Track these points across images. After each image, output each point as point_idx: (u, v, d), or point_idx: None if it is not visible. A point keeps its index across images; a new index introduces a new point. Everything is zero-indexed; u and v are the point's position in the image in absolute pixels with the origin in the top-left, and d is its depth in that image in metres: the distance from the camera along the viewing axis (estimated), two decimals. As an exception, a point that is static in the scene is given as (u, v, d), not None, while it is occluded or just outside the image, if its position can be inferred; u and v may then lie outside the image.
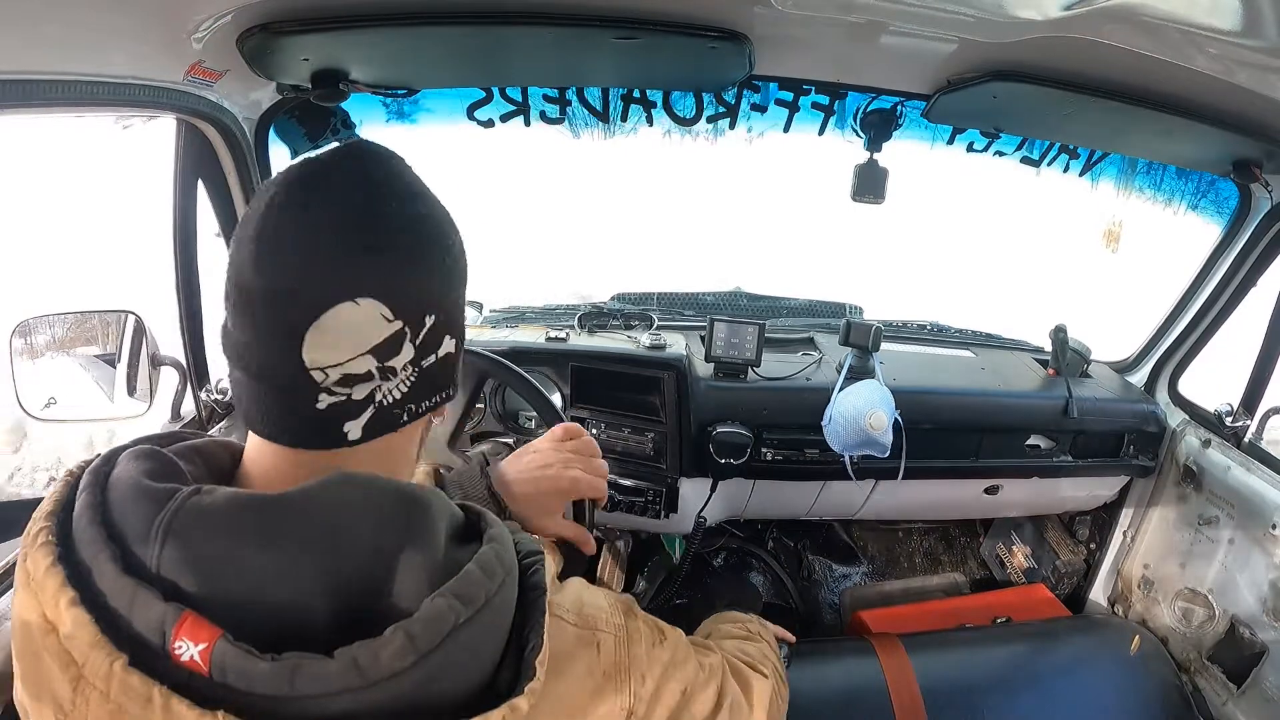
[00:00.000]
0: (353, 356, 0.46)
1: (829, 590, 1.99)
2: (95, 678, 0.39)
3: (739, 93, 1.32)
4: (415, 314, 0.48)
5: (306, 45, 0.98)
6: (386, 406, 0.48)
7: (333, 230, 0.46)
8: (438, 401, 0.52)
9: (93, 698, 0.39)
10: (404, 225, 0.48)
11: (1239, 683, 1.41)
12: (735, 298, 1.91)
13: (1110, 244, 1.94)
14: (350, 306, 0.45)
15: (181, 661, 0.39)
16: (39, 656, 0.41)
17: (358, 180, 0.48)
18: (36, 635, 0.41)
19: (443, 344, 0.50)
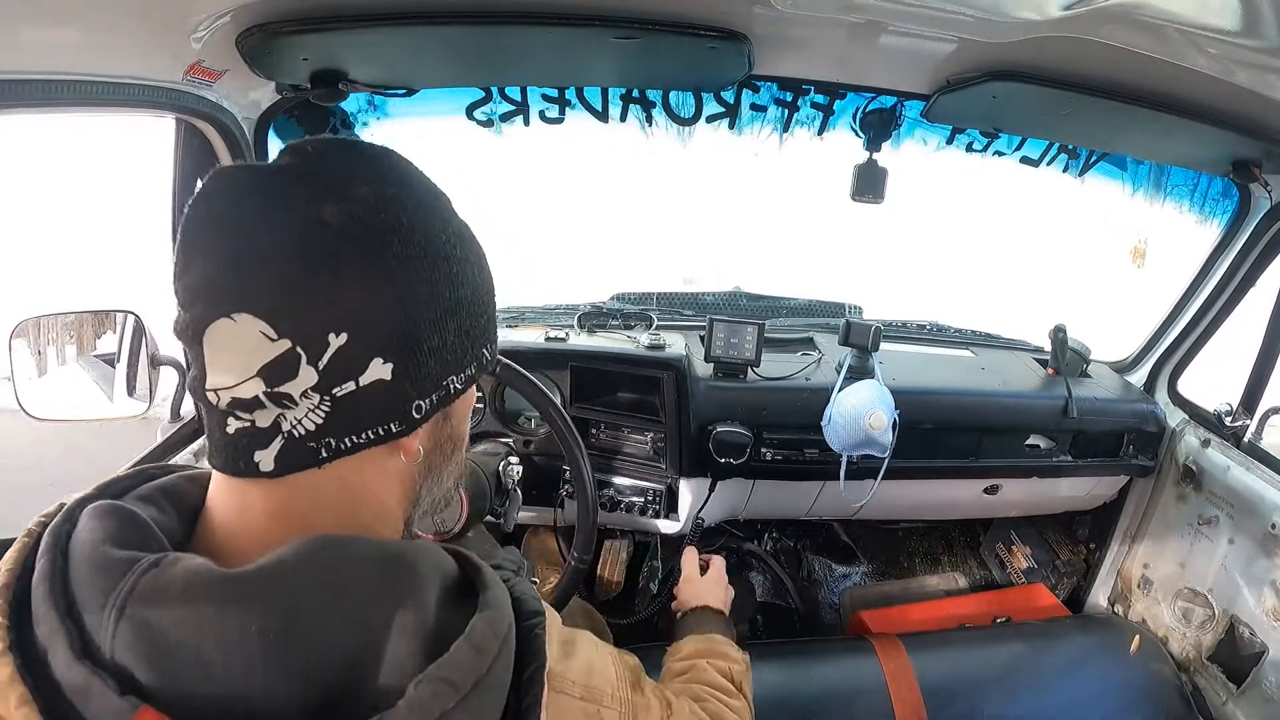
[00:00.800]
0: (241, 380, 0.41)
1: (829, 590, 1.99)
2: None
3: (738, 93, 1.33)
4: (309, 332, 0.41)
5: (306, 45, 0.98)
6: (299, 438, 0.43)
7: (225, 233, 0.41)
8: (372, 438, 0.44)
9: None
10: (305, 228, 0.41)
11: (1239, 682, 1.41)
12: (735, 298, 1.90)
13: (1136, 260, 1.93)
14: (226, 323, 0.40)
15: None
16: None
17: (269, 174, 0.43)
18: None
19: (368, 369, 0.42)
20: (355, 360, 0.42)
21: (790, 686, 1.36)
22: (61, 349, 1.09)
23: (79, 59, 0.76)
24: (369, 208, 0.43)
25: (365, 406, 0.43)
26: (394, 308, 0.43)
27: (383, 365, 0.43)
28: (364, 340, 0.42)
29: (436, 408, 0.47)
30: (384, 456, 0.46)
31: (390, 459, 0.47)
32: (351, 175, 0.44)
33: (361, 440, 0.44)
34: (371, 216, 0.43)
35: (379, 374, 0.43)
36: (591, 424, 1.52)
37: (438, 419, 0.48)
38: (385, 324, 0.43)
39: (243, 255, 0.41)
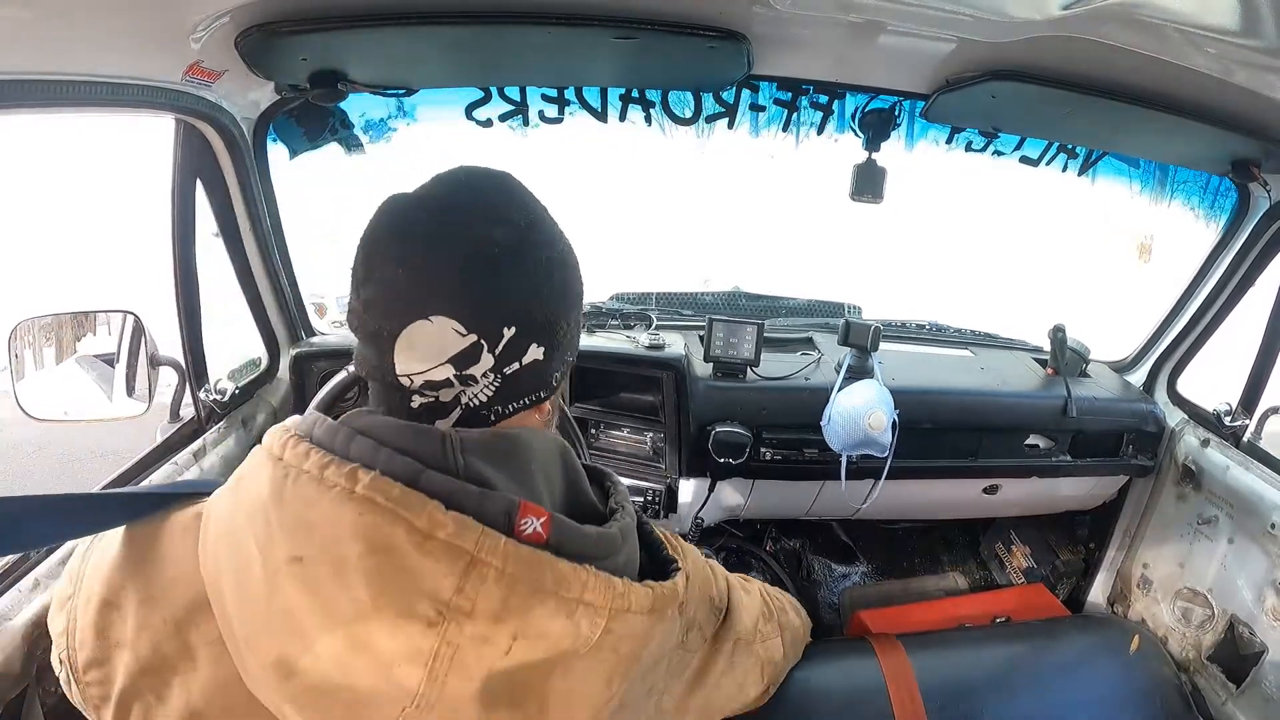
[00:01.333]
0: (433, 366, 0.52)
1: (828, 590, 1.99)
2: (491, 557, 0.46)
3: (738, 92, 1.32)
4: (491, 327, 0.52)
5: (305, 45, 0.98)
6: (473, 408, 0.54)
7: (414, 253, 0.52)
8: (527, 403, 0.57)
9: (488, 575, 0.46)
10: (482, 246, 0.52)
11: (1238, 682, 1.41)
12: (734, 297, 1.91)
13: (1143, 256, 1.94)
14: (424, 323, 0.51)
15: (525, 534, 0.48)
16: (403, 568, 0.45)
17: (441, 204, 0.54)
18: (401, 548, 0.46)
19: (528, 352, 0.54)
20: (520, 346, 0.54)
21: (789, 686, 1.35)
22: (61, 349, 1.09)
23: (78, 59, 0.76)
24: (524, 228, 0.54)
25: (524, 380, 0.55)
26: (544, 304, 0.55)
27: (537, 348, 0.54)
28: (526, 330, 0.53)
29: (563, 378, 0.60)
30: (526, 417, 0.58)
31: (531, 418, 0.59)
32: (506, 203, 0.55)
33: (519, 405, 0.56)
34: (527, 234, 0.54)
35: (535, 355, 0.55)
36: (591, 424, 1.52)
37: (561, 386, 0.61)
38: (538, 316, 0.54)
39: (433, 269, 0.51)
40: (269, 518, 0.47)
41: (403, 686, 0.45)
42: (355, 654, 0.45)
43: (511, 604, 0.47)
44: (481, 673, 0.46)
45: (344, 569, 0.45)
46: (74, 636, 0.53)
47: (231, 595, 0.48)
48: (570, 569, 0.49)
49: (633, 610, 0.52)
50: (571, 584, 0.49)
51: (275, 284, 1.35)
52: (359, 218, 0.56)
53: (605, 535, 0.54)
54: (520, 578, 0.47)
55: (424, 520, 0.46)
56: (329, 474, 0.47)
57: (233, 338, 1.46)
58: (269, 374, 1.41)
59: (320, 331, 1.51)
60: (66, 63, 0.75)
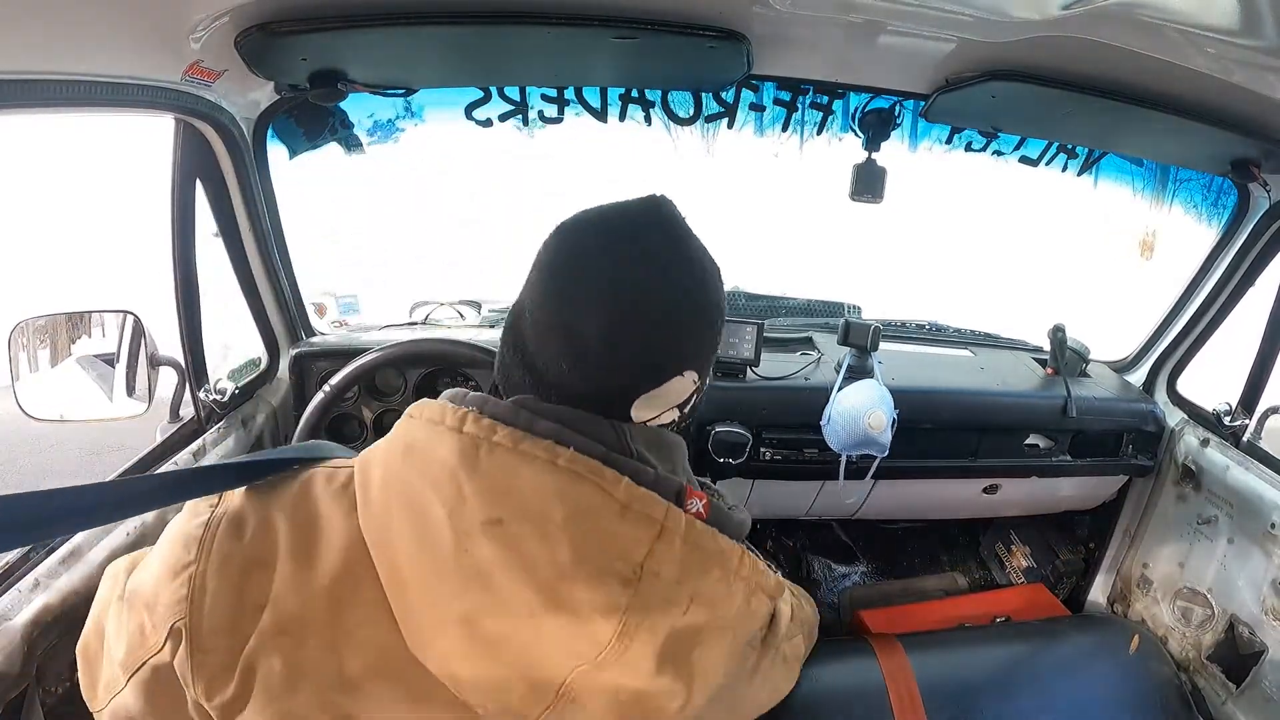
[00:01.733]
0: (664, 410, 0.60)
1: (828, 590, 1.99)
2: (676, 527, 0.53)
3: (737, 92, 1.32)
4: (705, 369, 0.61)
5: (305, 45, 0.98)
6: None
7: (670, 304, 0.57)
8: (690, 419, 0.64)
9: (675, 543, 0.53)
10: (707, 296, 0.59)
11: (1238, 682, 1.41)
12: (733, 297, 1.90)
13: (1145, 253, 1.94)
14: (678, 379, 0.59)
15: (689, 513, 0.55)
16: (603, 531, 0.51)
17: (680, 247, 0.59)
18: (601, 513, 0.52)
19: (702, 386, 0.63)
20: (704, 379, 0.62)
21: (789, 686, 1.36)
22: (60, 349, 1.09)
23: (78, 59, 0.76)
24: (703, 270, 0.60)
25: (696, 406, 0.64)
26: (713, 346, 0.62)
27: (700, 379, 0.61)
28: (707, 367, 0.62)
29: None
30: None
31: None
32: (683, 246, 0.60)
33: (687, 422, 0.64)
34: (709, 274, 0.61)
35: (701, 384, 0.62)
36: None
37: None
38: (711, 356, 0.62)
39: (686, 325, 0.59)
40: (460, 483, 0.50)
41: (593, 640, 0.50)
42: (551, 609, 0.49)
43: (690, 569, 0.53)
44: (665, 629, 0.51)
45: (547, 530, 0.50)
46: (202, 600, 0.51)
47: (410, 556, 0.50)
48: (730, 544, 0.56)
49: (765, 591, 0.59)
50: (731, 557, 0.56)
51: (275, 284, 1.35)
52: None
53: (744, 521, 0.61)
54: (697, 547, 0.54)
55: (622, 492, 0.52)
56: (525, 446, 0.52)
57: (237, 339, 1.46)
58: (269, 374, 1.41)
59: (320, 331, 1.51)
60: (66, 63, 0.75)
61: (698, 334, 0.59)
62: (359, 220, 4.87)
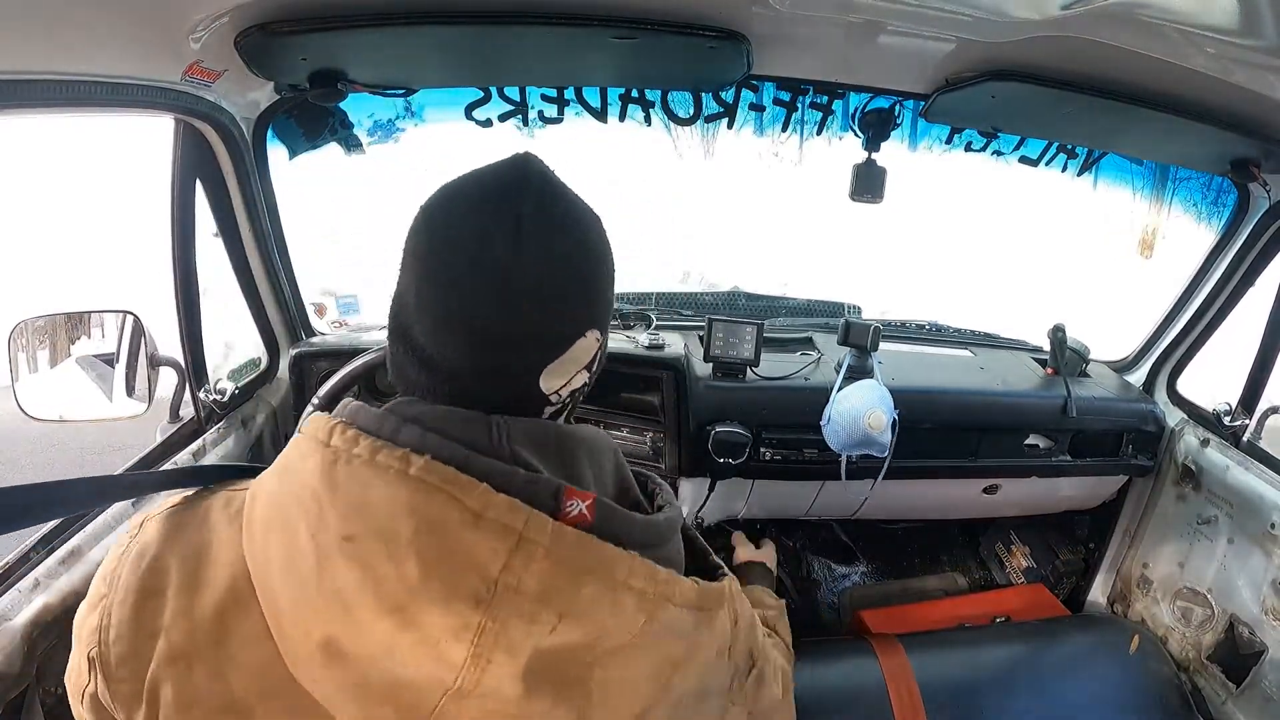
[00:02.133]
0: (573, 374, 0.56)
1: (828, 590, 1.99)
2: (539, 536, 0.48)
3: (737, 92, 1.32)
4: (607, 323, 0.58)
5: (304, 45, 0.98)
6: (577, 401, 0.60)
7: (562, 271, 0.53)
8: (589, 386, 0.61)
9: (535, 554, 0.47)
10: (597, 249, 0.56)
11: (1238, 682, 1.41)
12: (734, 297, 1.90)
13: (1144, 252, 1.93)
14: (583, 340, 0.55)
15: (570, 517, 0.50)
16: (453, 546, 0.47)
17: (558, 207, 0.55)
18: (452, 526, 0.47)
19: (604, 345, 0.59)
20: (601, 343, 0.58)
21: (790, 686, 1.36)
22: (60, 349, 1.09)
23: (78, 59, 0.76)
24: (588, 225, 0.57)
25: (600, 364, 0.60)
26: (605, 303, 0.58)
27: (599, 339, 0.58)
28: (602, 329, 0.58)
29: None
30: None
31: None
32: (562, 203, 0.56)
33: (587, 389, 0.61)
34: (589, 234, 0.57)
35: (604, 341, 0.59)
36: (591, 423, 1.52)
37: None
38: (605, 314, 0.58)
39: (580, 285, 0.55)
40: (320, 501, 0.48)
41: (447, 663, 0.46)
42: (403, 631, 0.45)
43: (557, 583, 0.48)
44: (526, 651, 0.46)
45: (396, 547, 0.46)
46: (109, 632, 0.52)
47: (280, 578, 0.48)
48: (615, 552, 0.50)
49: (675, 602, 0.52)
50: (616, 567, 0.50)
51: (275, 284, 1.35)
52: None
53: (652, 523, 0.55)
54: (566, 558, 0.48)
55: (476, 500, 0.47)
56: (381, 458, 0.49)
57: (237, 339, 1.46)
58: (269, 374, 1.41)
59: (320, 331, 1.51)
60: (66, 63, 0.75)
61: (595, 291, 0.56)
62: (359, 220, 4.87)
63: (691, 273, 5.70)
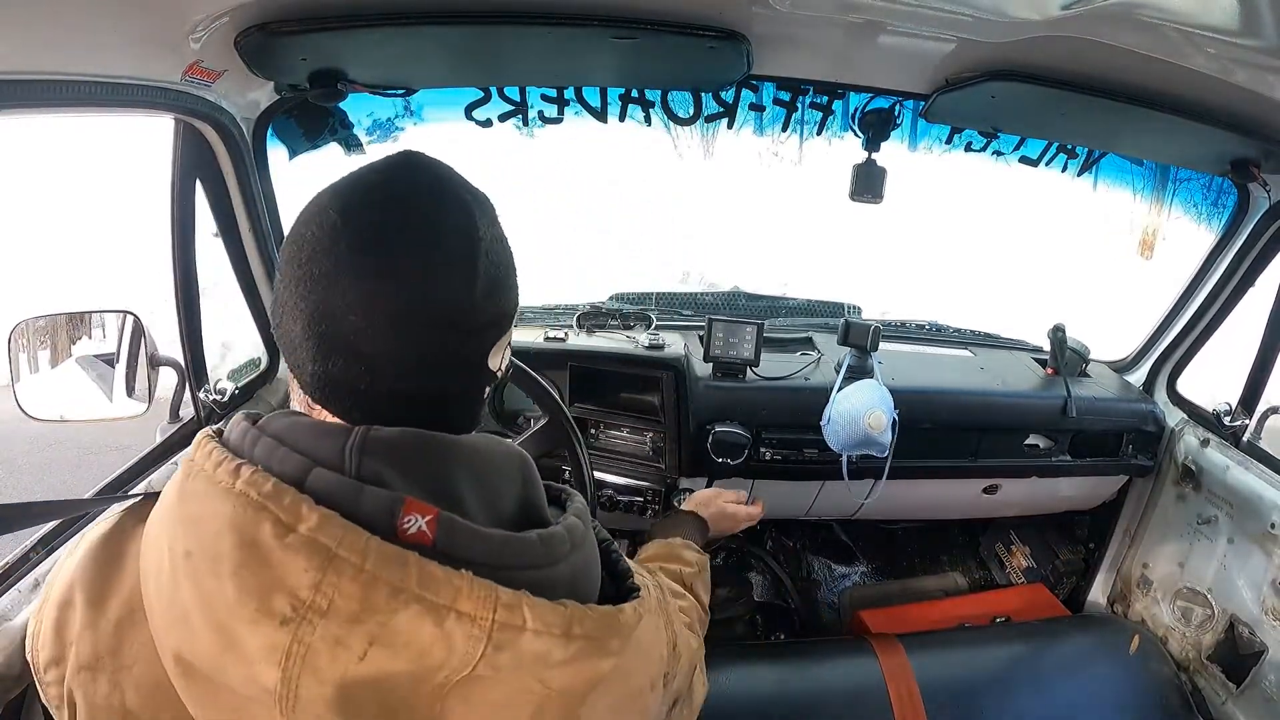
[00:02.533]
0: (506, 348, 0.57)
1: (828, 590, 1.99)
2: (351, 554, 0.44)
3: (737, 92, 1.32)
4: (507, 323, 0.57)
5: (304, 45, 0.98)
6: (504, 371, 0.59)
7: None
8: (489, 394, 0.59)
9: (345, 572, 0.44)
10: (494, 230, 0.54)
11: (1238, 682, 1.41)
12: (734, 297, 1.91)
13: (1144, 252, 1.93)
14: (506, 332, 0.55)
15: (408, 534, 0.46)
16: (265, 563, 0.44)
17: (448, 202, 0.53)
18: (266, 542, 0.44)
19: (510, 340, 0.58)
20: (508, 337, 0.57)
21: (789, 686, 1.36)
22: (60, 349, 1.09)
23: (77, 59, 0.76)
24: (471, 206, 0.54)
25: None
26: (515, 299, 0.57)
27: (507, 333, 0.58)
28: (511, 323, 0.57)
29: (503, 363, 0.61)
30: None
31: None
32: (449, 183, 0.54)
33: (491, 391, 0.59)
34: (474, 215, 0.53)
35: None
36: (591, 424, 1.52)
37: None
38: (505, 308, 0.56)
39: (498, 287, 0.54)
40: (174, 515, 0.48)
41: (263, 686, 0.44)
42: (227, 651, 0.44)
43: (372, 605, 0.44)
44: (335, 677, 0.44)
45: (219, 563, 0.45)
46: (38, 638, 0.54)
47: (152, 593, 0.49)
48: (442, 572, 0.45)
49: (530, 628, 0.46)
50: (441, 588, 0.44)
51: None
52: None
53: (517, 541, 0.48)
54: (381, 577, 0.44)
55: (290, 515, 0.44)
56: (219, 472, 0.47)
57: (237, 339, 1.46)
58: (269, 374, 1.41)
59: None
60: (66, 63, 0.75)
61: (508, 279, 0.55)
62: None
63: (691, 273, 5.70)
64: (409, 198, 0.51)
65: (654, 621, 0.58)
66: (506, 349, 0.57)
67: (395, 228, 0.50)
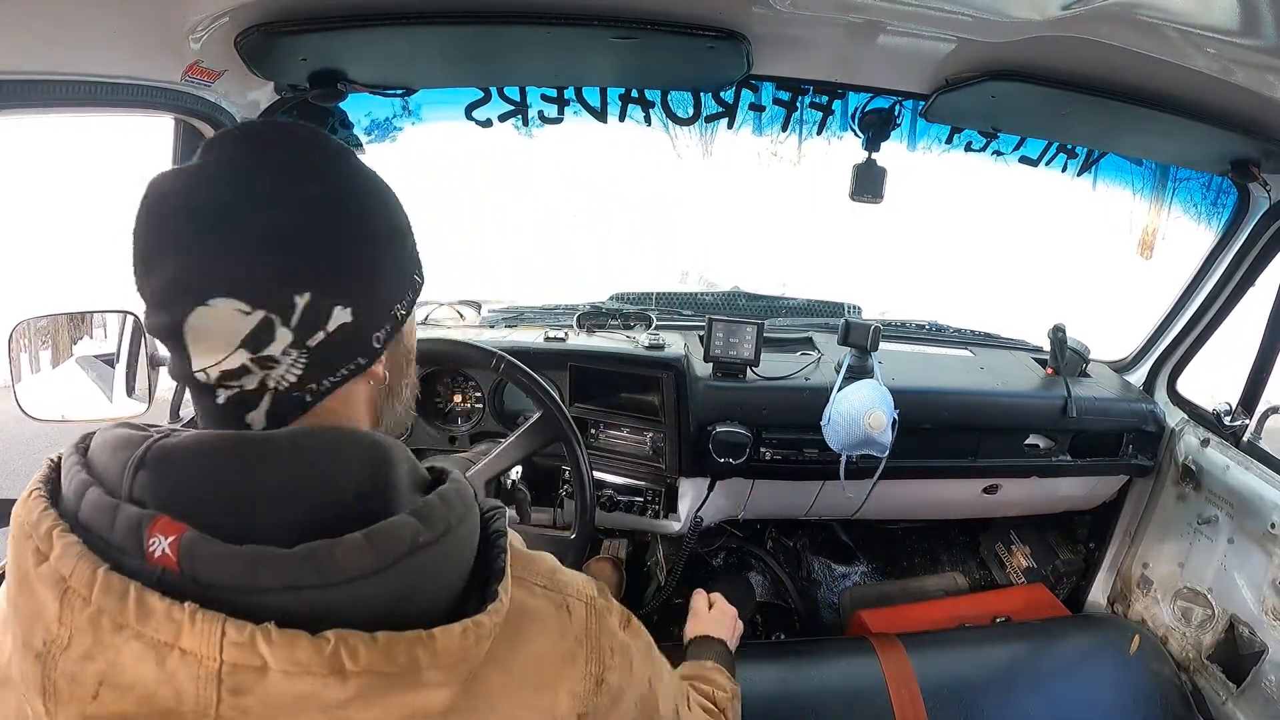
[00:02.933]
0: (227, 354, 0.46)
1: (828, 590, 1.99)
2: (80, 585, 0.41)
3: (737, 92, 1.33)
4: (278, 298, 0.46)
5: (304, 45, 0.99)
6: (284, 391, 0.48)
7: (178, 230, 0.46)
8: (347, 374, 0.50)
9: (76, 605, 0.41)
10: (242, 210, 0.46)
11: (1238, 682, 1.41)
12: (734, 297, 1.91)
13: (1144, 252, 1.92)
14: (203, 310, 0.45)
15: (155, 558, 0.40)
16: (31, 591, 0.42)
17: (212, 170, 0.47)
18: (29, 570, 0.42)
19: (332, 317, 0.48)
20: (320, 312, 0.47)
21: (789, 686, 1.36)
22: (60, 349, 1.09)
23: (77, 59, 0.77)
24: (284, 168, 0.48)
25: (338, 349, 0.49)
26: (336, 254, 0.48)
27: (343, 310, 0.48)
28: (323, 291, 0.47)
29: (391, 335, 0.52)
30: (356, 387, 0.52)
31: (360, 387, 0.53)
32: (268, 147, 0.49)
33: (338, 377, 0.50)
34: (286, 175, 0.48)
35: (341, 319, 0.48)
36: (591, 424, 1.52)
37: (393, 343, 0.53)
38: (331, 271, 0.48)
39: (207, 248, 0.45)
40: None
41: (38, 715, 0.42)
42: (14, 675, 0.43)
43: (100, 641, 0.40)
44: (77, 716, 0.41)
45: (9, 592, 0.44)
46: None
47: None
48: (162, 605, 0.39)
49: (275, 669, 0.40)
50: (161, 623, 0.39)
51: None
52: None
53: (277, 558, 0.40)
54: (106, 610, 0.40)
55: (44, 543, 0.42)
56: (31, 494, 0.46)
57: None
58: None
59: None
60: (66, 63, 0.75)
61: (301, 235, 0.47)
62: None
63: (691, 272, 5.71)
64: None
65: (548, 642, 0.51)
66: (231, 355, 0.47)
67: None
